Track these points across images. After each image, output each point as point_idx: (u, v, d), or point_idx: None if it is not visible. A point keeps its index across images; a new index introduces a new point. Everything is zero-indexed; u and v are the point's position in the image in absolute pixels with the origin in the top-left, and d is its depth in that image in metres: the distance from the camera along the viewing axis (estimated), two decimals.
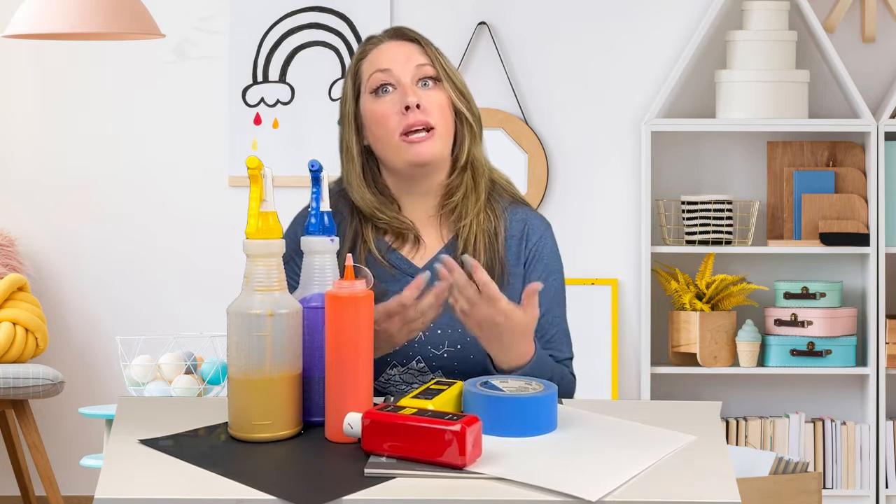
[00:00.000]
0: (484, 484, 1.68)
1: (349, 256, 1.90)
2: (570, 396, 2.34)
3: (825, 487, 4.51)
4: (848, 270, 4.66)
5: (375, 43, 2.40)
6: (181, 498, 1.64)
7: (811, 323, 4.48)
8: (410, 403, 1.84)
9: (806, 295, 4.51)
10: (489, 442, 1.80)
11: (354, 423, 1.80)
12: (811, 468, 4.50)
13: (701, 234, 4.53)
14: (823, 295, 4.50)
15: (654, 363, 4.58)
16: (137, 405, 2.07)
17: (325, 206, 2.01)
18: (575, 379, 2.39)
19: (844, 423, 4.53)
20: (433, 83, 2.36)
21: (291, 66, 4.72)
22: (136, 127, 4.75)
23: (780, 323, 4.53)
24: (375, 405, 1.83)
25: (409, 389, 2.28)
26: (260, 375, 1.85)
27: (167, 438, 1.85)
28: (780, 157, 4.65)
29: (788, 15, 4.53)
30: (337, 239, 2.00)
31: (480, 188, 2.38)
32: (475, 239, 2.34)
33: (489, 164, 2.44)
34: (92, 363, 4.74)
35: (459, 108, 2.37)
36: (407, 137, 2.31)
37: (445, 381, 1.96)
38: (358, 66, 2.39)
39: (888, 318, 4.51)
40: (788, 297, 4.53)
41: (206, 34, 4.73)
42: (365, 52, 2.39)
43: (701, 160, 4.69)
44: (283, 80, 4.72)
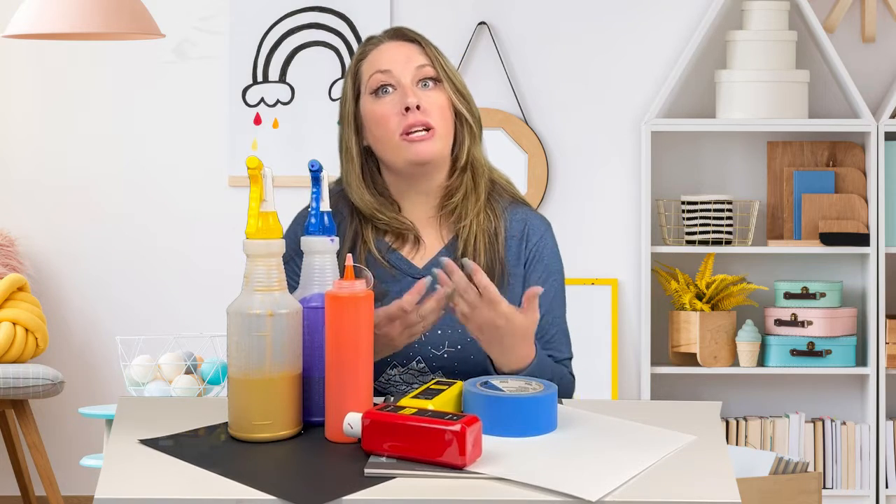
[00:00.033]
0: (484, 484, 1.68)
1: (349, 256, 1.90)
2: (569, 396, 2.34)
3: (825, 487, 4.51)
4: (848, 270, 4.66)
5: (375, 43, 2.39)
6: (181, 498, 1.64)
7: (811, 323, 4.48)
8: (410, 403, 1.84)
9: (806, 295, 4.51)
10: (489, 442, 1.80)
11: (354, 423, 1.80)
12: (811, 468, 4.50)
13: (701, 234, 4.53)
14: (823, 295, 4.50)
15: (654, 363, 4.58)
16: (137, 405, 2.07)
17: (325, 206, 2.01)
18: (574, 379, 2.39)
19: (844, 423, 4.53)
20: (433, 84, 2.35)
21: (291, 66, 4.72)
22: (136, 127, 4.75)
23: (780, 323, 4.53)
24: (375, 405, 1.83)
25: (409, 390, 2.28)
26: (260, 375, 1.85)
27: (167, 438, 1.85)
28: (780, 157, 4.64)
29: (788, 15, 4.53)
30: (337, 239, 2.00)
31: (480, 189, 2.38)
32: (475, 239, 2.34)
33: (489, 164, 2.43)
34: (92, 363, 4.74)
35: (459, 108, 2.37)
36: (407, 136, 2.31)
37: (445, 381, 1.96)
38: (358, 66, 2.39)
39: (888, 318, 4.51)
40: (788, 297, 4.53)
41: (206, 34, 4.73)
42: (365, 52, 2.39)
43: (701, 160, 4.69)
44: (283, 80, 4.72)
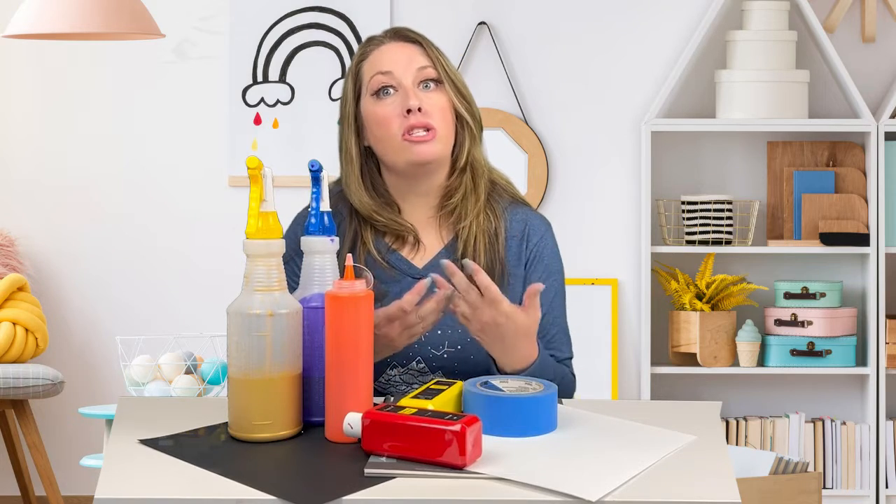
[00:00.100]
0: (484, 484, 1.68)
1: (349, 256, 1.90)
2: (570, 396, 2.34)
3: (825, 487, 4.51)
4: (848, 270, 4.66)
5: (377, 44, 2.38)
6: (181, 498, 1.64)
7: (811, 323, 4.48)
8: (410, 403, 1.84)
9: (806, 295, 4.51)
10: (489, 442, 1.80)
11: (354, 423, 1.80)
12: (811, 468, 4.49)
13: (701, 234, 4.53)
14: (823, 295, 4.50)
15: (654, 363, 4.58)
16: (137, 405, 2.07)
17: (325, 206, 2.01)
18: (575, 378, 2.39)
19: (844, 423, 4.53)
20: (434, 85, 2.35)
21: (291, 66, 4.72)
22: (136, 127, 4.74)
23: (780, 323, 4.53)
24: (375, 405, 1.83)
25: (409, 390, 2.28)
26: (260, 375, 1.85)
27: (167, 438, 1.85)
28: (780, 157, 4.64)
29: (788, 15, 4.53)
30: (337, 239, 2.00)
31: (480, 189, 2.38)
32: (475, 240, 2.33)
33: (489, 164, 2.43)
34: (92, 363, 4.74)
35: (460, 110, 2.36)
36: (408, 136, 2.31)
37: (445, 381, 1.96)
38: (359, 67, 2.38)
39: (888, 318, 4.50)
40: (788, 297, 4.53)
41: (206, 34, 4.73)
42: (366, 53, 2.38)
43: (701, 160, 4.69)
44: (283, 80, 4.72)
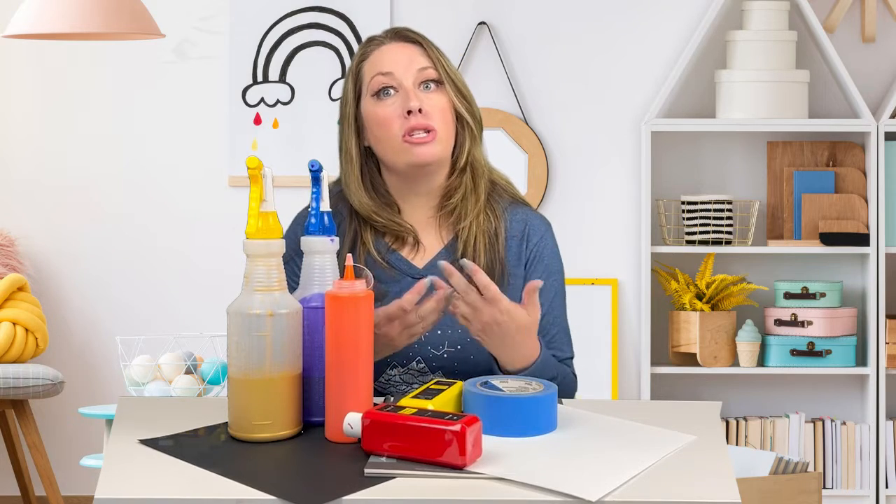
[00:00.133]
0: (484, 484, 1.68)
1: (349, 256, 1.90)
2: (571, 396, 2.33)
3: (825, 487, 4.51)
4: (848, 270, 4.66)
5: (377, 44, 2.38)
6: (181, 498, 1.64)
7: (811, 323, 4.48)
8: (410, 403, 1.84)
9: (806, 295, 4.51)
10: (489, 442, 1.80)
11: (354, 423, 1.80)
12: (811, 468, 4.49)
13: (701, 234, 4.53)
14: (823, 295, 4.50)
15: (654, 363, 4.58)
16: (137, 405, 2.07)
17: (325, 206, 2.01)
18: (576, 378, 2.39)
19: (844, 423, 4.53)
20: (435, 86, 2.35)
21: (291, 66, 4.72)
22: (136, 127, 4.74)
23: (780, 323, 4.53)
24: (375, 405, 1.83)
25: (409, 390, 2.27)
26: (260, 375, 1.85)
27: (167, 438, 1.84)
28: (780, 157, 4.64)
29: (788, 15, 4.53)
30: (337, 239, 2.00)
31: (480, 189, 2.38)
32: (475, 240, 2.33)
33: (489, 164, 2.43)
34: (92, 363, 4.74)
35: (460, 110, 2.36)
36: (408, 138, 2.31)
37: (445, 381, 1.96)
38: (359, 67, 2.38)
39: (888, 318, 4.50)
40: (788, 297, 4.53)
41: (206, 34, 4.73)
42: (366, 53, 2.38)
43: (701, 160, 4.69)
44: (283, 80, 4.72)
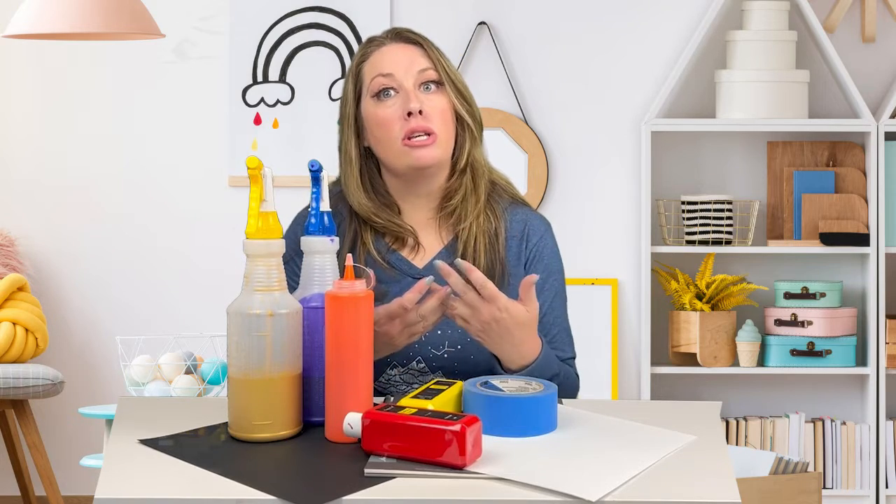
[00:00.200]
0: (484, 484, 1.68)
1: (349, 256, 1.90)
2: (574, 396, 2.33)
3: (825, 487, 4.51)
4: (848, 270, 4.66)
5: (377, 45, 2.37)
6: (181, 498, 1.64)
7: (811, 323, 4.48)
8: (410, 403, 1.84)
9: (806, 295, 4.51)
10: (489, 442, 1.80)
11: (354, 423, 1.80)
12: (811, 468, 4.49)
13: (701, 234, 4.53)
14: (823, 295, 4.50)
15: (654, 363, 4.58)
16: (137, 405, 2.07)
17: (325, 206, 2.01)
18: (579, 378, 2.39)
19: (844, 423, 4.53)
20: (435, 87, 2.34)
21: (291, 66, 4.72)
22: (136, 127, 4.75)
23: (780, 323, 4.53)
24: (375, 405, 1.83)
25: (409, 390, 2.28)
26: (260, 375, 1.85)
27: (167, 438, 1.84)
28: (780, 157, 4.64)
29: (788, 15, 4.53)
30: (337, 239, 2.00)
31: (480, 190, 2.37)
32: (475, 241, 2.33)
33: (489, 165, 2.43)
34: (92, 363, 4.74)
35: (461, 111, 2.36)
36: (408, 142, 2.31)
37: (445, 381, 1.96)
38: (359, 68, 2.37)
39: (888, 318, 4.50)
40: (788, 297, 4.53)
41: (206, 34, 4.73)
42: (366, 54, 2.37)
43: (701, 160, 4.69)
44: (283, 80, 4.72)
